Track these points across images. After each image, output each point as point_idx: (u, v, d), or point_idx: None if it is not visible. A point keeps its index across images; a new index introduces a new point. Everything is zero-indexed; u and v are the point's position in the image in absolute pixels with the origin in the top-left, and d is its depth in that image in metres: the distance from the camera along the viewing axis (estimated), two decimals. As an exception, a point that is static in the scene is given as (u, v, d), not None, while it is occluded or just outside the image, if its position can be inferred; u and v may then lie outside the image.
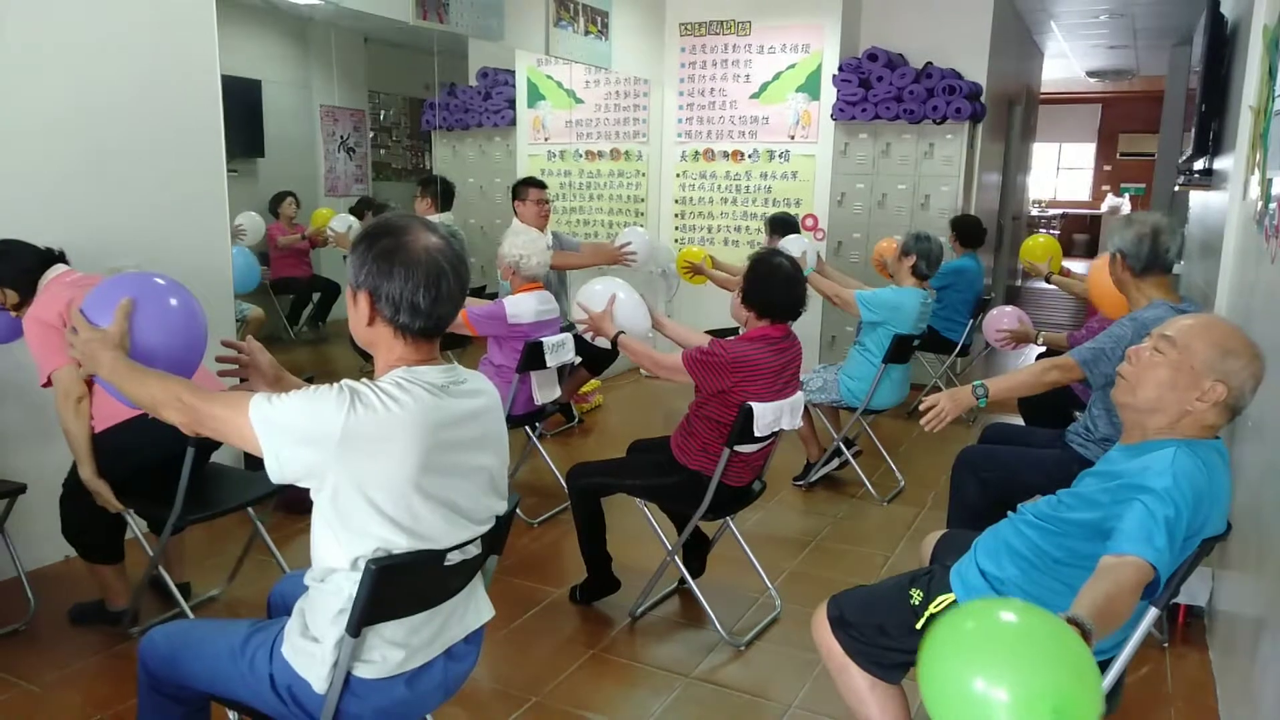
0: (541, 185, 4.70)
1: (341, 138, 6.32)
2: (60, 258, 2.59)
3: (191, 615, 2.62)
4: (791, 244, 4.66)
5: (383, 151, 6.69)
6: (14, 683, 2.43)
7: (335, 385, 1.44)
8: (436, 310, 1.49)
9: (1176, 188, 6.46)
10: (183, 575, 2.83)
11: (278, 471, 1.44)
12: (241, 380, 1.84)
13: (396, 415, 1.43)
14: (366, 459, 1.42)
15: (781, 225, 4.81)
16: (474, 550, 1.59)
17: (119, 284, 1.87)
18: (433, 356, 1.55)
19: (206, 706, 1.72)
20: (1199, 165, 4.22)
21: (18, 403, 2.95)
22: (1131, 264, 2.63)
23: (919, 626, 1.81)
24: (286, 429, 1.42)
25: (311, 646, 1.53)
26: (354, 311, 1.54)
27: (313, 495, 1.48)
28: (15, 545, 2.68)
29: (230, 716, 1.69)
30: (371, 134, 6.46)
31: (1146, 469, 1.60)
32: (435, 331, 1.52)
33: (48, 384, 2.44)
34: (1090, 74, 11.40)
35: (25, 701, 2.36)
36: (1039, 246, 4.90)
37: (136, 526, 2.59)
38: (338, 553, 1.49)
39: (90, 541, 2.62)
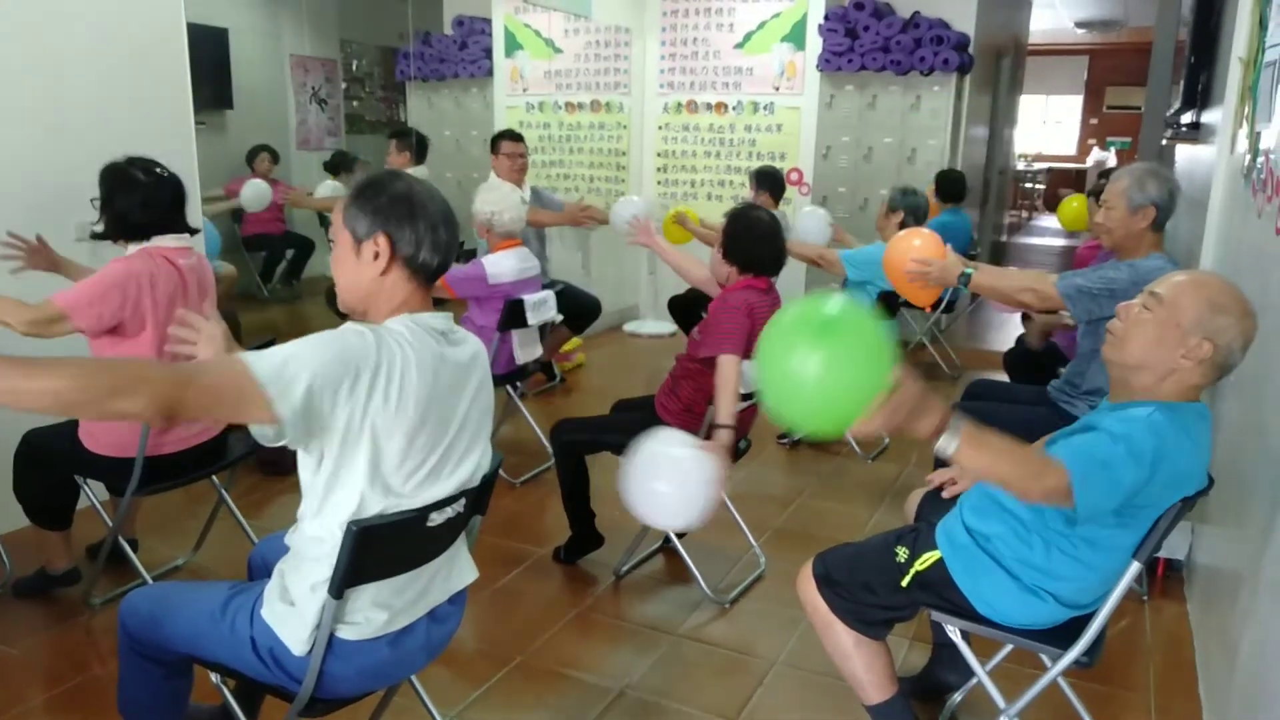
0: (516, 138, 4.58)
1: (313, 89, 6.14)
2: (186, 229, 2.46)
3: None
4: (808, 218, 4.71)
5: (355, 103, 6.51)
6: (-9, 646, 2.41)
7: (342, 328, 1.42)
8: (450, 248, 1.54)
9: (1164, 142, 6.43)
10: (132, 532, 2.77)
11: (297, 407, 1.30)
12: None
13: (410, 357, 1.44)
14: (383, 399, 1.40)
15: (768, 180, 4.74)
16: (457, 510, 1.57)
17: None
18: (429, 305, 1.56)
19: (189, 668, 1.71)
20: (1187, 118, 4.18)
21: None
22: (1161, 218, 2.50)
23: (904, 584, 1.81)
24: (314, 356, 1.34)
25: (291, 610, 1.52)
26: (358, 263, 1.50)
27: (308, 452, 1.44)
28: (-13, 509, 2.63)
29: (213, 678, 1.67)
30: (344, 85, 6.28)
31: (1123, 419, 1.59)
32: (444, 269, 1.55)
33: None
34: (1079, 24, 11.30)
35: (4, 664, 2.34)
36: (1072, 212, 4.74)
37: (94, 494, 2.51)
38: (323, 518, 1.47)
39: (42, 503, 2.52)
